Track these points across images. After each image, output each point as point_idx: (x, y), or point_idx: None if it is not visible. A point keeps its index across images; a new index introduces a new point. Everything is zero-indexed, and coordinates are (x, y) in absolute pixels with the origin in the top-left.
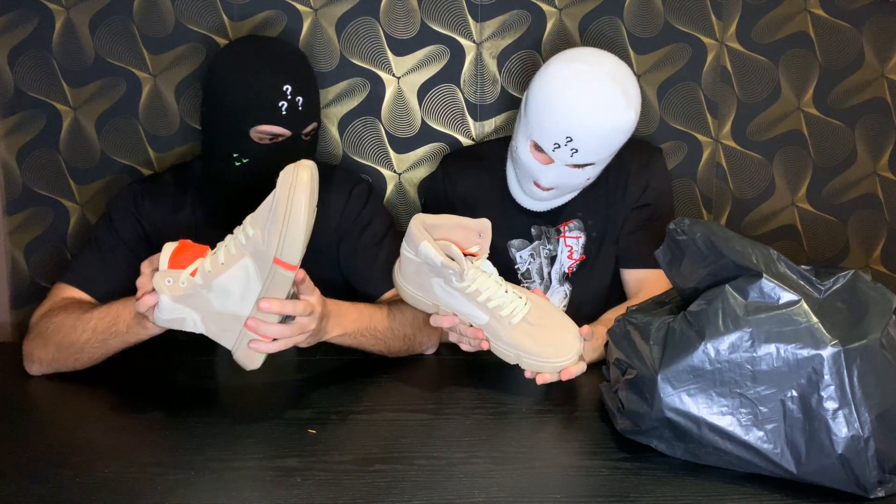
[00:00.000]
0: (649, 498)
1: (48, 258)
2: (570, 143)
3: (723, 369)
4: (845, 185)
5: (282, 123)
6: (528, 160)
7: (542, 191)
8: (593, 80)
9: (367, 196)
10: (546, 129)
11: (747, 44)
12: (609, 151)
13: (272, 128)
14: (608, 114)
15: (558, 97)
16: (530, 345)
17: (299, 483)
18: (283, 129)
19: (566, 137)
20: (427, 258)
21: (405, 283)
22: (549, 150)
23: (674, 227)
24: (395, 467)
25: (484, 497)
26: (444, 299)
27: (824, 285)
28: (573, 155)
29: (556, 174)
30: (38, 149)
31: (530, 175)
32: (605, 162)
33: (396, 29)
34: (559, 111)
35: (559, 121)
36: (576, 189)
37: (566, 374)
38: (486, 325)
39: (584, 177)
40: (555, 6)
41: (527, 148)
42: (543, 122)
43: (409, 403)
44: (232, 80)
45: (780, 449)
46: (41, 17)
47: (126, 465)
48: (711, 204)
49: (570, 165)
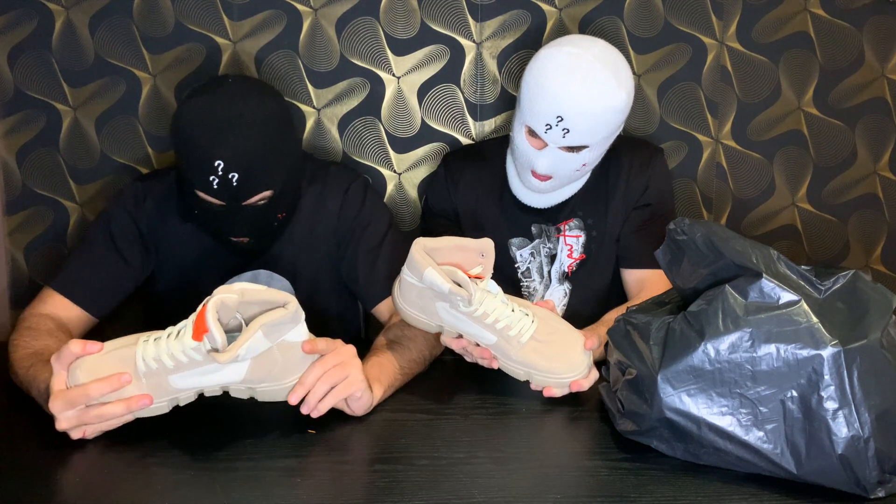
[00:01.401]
0: (649, 498)
1: (48, 258)
2: (560, 123)
3: (723, 369)
4: (845, 185)
5: (214, 195)
6: (524, 146)
7: (539, 181)
8: (582, 60)
9: (364, 194)
10: (538, 111)
11: (747, 44)
12: (602, 134)
13: (206, 197)
14: (597, 93)
15: (548, 78)
16: (540, 362)
17: (299, 483)
18: (217, 200)
19: (557, 117)
20: (433, 285)
21: (407, 307)
22: (542, 132)
23: (674, 228)
24: (395, 467)
25: (484, 497)
26: (449, 322)
27: (824, 285)
28: (565, 135)
29: (551, 159)
30: (38, 149)
31: (527, 162)
32: (599, 147)
33: (396, 29)
34: (549, 91)
35: (549, 101)
36: (573, 179)
37: (576, 387)
38: (495, 346)
39: (580, 162)
40: (555, 6)
41: (522, 134)
42: (535, 104)
43: (409, 403)
44: (178, 139)
45: (780, 449)
46: (41, 17)
47: (126, 465)
48: (711, 204)
49: (564, 148)
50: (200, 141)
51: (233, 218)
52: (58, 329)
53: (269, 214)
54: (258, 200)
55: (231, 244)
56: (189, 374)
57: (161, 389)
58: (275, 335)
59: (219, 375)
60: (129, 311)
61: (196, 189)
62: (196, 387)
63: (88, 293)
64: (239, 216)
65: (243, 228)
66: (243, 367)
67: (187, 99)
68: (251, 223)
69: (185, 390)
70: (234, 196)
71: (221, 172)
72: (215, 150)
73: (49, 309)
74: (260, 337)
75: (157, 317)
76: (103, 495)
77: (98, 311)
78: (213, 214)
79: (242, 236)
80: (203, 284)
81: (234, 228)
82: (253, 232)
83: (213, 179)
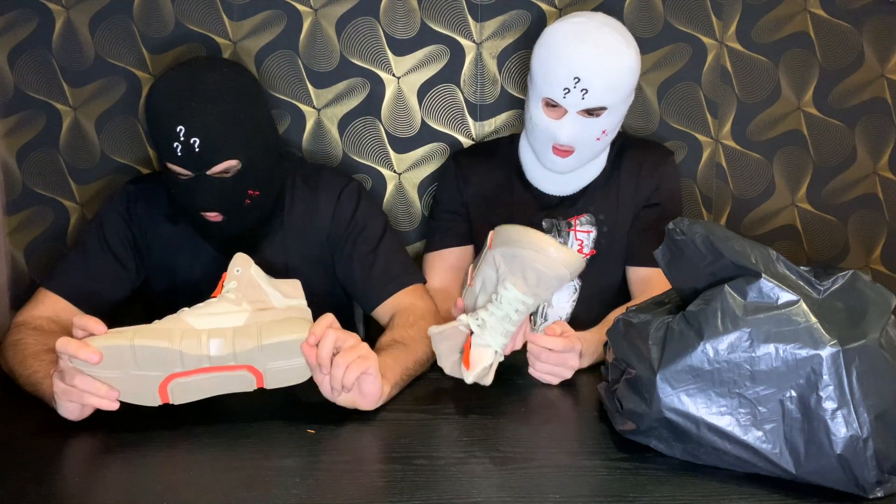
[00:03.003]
0: (648, 498)
1: (48, 258)
2: (578, 84)
3: (722, 369)
4: (845, 185)
5: (179, 164)
6: (543, 120)
7: (561, 158)
8: (589, 26)
9: (358, 198)
10: (554, 78)
11: (747, 44)
12: (619, 93)
13: (174, 167)
14: (609, 51)
15: (560, 44)
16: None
17: (298, 483)
18: (183, 169)
19: (574, 78)
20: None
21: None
22: (561, 97)
23: (673, 227)
24: (394, 467)
25: (483, 497)
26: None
27: (823, 285)
28: (584, 96)
29: (572, 127)
30: (38, 149)
31: (548, 136)
32: (617, 110)
33: (396, 29)
34: (563, 56)
35: (564, 65)
36: (594, 152)
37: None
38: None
39: (600, 129)
40: (555, 6)
41: (539, 109)
42: (550, 72)
43: (408, 403)
44: (147, 114)
45: (779, 449)
46: (41, 17)
47: (125, 465)
48: (711, 204)
49: (583, 113)
50: (163, 109)
51: (199, 189)
52: (63, 331)
53: (237, 188)
54: (223, 171)
55: (206, 224)
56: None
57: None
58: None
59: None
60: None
61: (165, 161)
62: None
63: (88, 295)
64: (205, 186)
65: (211, 201)
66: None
67: (158, 78)
68: (219, 195)
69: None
70: (198, 163)
71: (183, 138)
72: (176, 116)
73: (48, 311)
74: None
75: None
76: (103, 495)
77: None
78: (184, 187)
79: (212, 210)
80: (196, 287)
81: (202, 201)
82: (222, 206)
83: (176, 146)
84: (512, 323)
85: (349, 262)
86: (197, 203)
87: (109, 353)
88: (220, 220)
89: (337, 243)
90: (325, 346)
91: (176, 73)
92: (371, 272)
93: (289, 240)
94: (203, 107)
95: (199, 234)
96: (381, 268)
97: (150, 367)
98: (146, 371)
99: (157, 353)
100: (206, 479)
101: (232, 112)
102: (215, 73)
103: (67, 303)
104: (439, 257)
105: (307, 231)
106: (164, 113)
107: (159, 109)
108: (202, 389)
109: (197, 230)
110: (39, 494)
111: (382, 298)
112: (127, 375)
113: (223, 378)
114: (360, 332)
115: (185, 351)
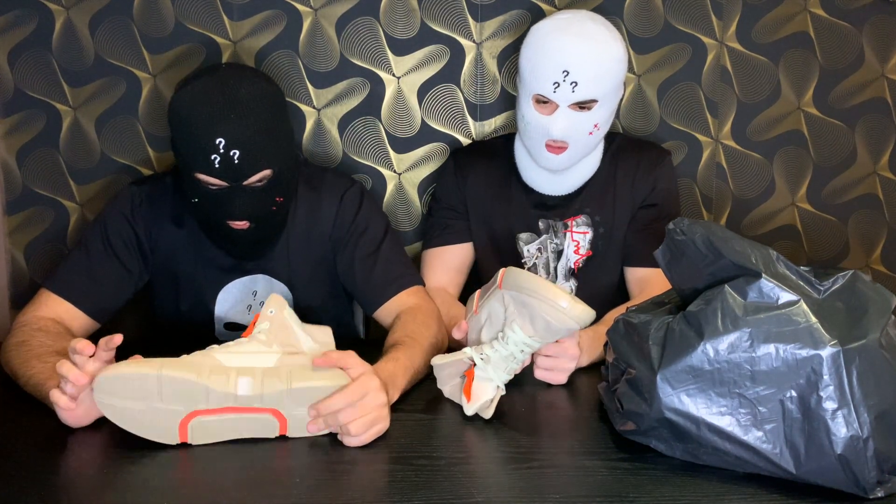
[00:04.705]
0: (648, 498)
1: (48, 258)
2: (567, 77)
3: (722, 369)
4: (845, 185)
5: (216, 175)
6: (535, 118)
7: (555, 155)
8: (573, 21)
9: (360, 200)
10: (543, 73)
11: (747, 44)
12: (608, 85)
13: (208, 178)
14: (595, 41)
15: (547, 39)
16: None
17: (299, 483)
18: (219, 180)
19: (563, 72)
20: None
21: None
22: (551, 92)
23: (673, 228)
24: (393, 467)
25: (483, 497)
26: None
27: (823, 285)
28: (574, 89)
29: (564, 120)
30: (38, 149)
31: (541, 133)
32: (607, 103)
33: (396, 29)
34: (550, 51)
35: (552, 60)
36: (587, 148)
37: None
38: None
39: (592, 122)
40: (555, 6)
41: (531, 107)
42: (538, 68)
43: (408, 403)
44: (177, 125)
45: (780, 449)
46: (41, 17)
47: (125, 465)
48: (711, 204)
49: (574, 107)
50: (201, 121)
51: (234, 199)
52: (67, 333)
53: (268, 196)
54: (258, 180)
55: (230, 232)
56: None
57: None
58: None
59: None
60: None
61: (197, 172)
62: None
63: (91, 298)
64: (240, 197)
65: (244, 210)
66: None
67: (183, 86)
68: (252, 205)
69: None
70: (237, 174)
71: (223, 150)
72: (217, 128)
73: (51, 313)
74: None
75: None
76: (102, 495)
77: (101, 317)
78: (214, 197)
79: (243, 219)
80: (199, 289)
81: (235, 210)
82: (253, 215)
83: (214, 158)
84: (516, 362)
85: (351, 264)
86: (229, 212)
87: (135, 382)
88: (245, 228)
89: (339, 245)
90: (332, 420)
91: (205, 84)
92: (372, 274)
93: (292, 241)
94: (242, 119)
95: (212, 240)
96: (383, 270)
97: (175, 400)
98: (170, 405)
99: (183, 385)
100: (206, 479)
101: (268, 123)
102: (247, 82)
103: (70, 304)
104: (437, 254)
105: (310, 232)
106: (200, 125)
107: (194, 121)
108: (223, 431)
109: (212, 236)
110: (39, 494)
111: (384, 300)
112: (149, 408)
113: (246, 420)
114: (360, 333)
115: (212, 386)
